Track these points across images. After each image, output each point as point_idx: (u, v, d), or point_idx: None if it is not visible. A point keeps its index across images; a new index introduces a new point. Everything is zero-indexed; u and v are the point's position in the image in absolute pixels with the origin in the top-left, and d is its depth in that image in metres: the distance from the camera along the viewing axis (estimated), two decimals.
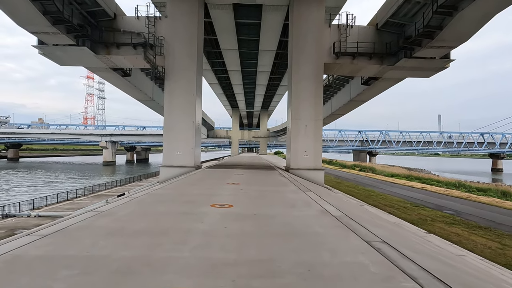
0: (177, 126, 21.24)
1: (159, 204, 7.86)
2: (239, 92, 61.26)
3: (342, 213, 6.36)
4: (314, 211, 6.96)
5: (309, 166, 21.26)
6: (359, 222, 5.49)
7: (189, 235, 5.09)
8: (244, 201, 8.36)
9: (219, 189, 10.72)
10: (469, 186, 42.90)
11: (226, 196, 9.20)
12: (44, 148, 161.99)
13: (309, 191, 10.10)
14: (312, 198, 8.86)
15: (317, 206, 7.62)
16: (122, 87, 30.17)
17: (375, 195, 29.07)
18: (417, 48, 19.24)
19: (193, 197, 9.08)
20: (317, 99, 21.48)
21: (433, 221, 18.20)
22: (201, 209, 7.05)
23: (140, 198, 8.62)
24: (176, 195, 9.48)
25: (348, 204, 10.66)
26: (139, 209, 7.09)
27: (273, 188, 11.79)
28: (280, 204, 7.96)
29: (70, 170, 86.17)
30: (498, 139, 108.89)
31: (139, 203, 7.81)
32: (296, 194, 10.00)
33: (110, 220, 6.07)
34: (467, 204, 25.48)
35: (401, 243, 4.74)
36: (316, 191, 10.77)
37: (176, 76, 21.30)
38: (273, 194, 9.97)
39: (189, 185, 12.13)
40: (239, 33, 31.74)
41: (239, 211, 6.91)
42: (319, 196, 8.85)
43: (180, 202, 8.24)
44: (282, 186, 12.43)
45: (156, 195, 9.30)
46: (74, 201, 31.31)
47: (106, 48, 21.24)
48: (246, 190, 10.58)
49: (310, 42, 21.41)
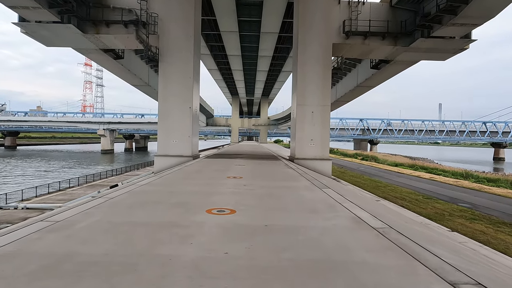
0: (172, 113, 19.58)
1: (138, 209, 5.98)
2: (239, 78, 59.29)
3: (382, 223, 4.68)
4: (343, 219, 5.21)
5: (315, 156, 19.70)
6: (414, 239, 3.91)
7: (167, 274, 3.21)
8: (249, 203, 6.58)
9: (218, 185, 8.96)
10: (477, 176, 41.54)
11: (226, 195, 7.52)
12: (42, 136, 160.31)
13: (326, 187, 8.49)
14: (333, 198, 7.14)
15: (344, 210, 5.88)
16: (115, 71, 28.35)
17: (383, 186, 27.63)
18: (437, 26, 17.43)
19: (185, 197, 7.40)
20: (325, 83, 19.77)
21: (452, 216, 16.75)
22: (193, 217, 5.32)
23: (117, 199, 6.73)
24: (165, 194, 7.69)
25: (374, 204, 9.06)
26: (108, 218, 5.26)
27: (282, 183, 10.00)
28: (296, 208, 6.19)
29: (67, 158, 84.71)
30: (501, 128, 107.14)
31: (112, 207, 6.00)
32: (311, 191, 8.23)
33: (55, 239, 4.14)
34: (481, 196, 24.05)
35: None
36: (334, 187, 9.12)
37: (171, 57, 19.53)
38: (284, 192, 8.22)
39: (183, 179, 10.48)
40: (240, 14, 29.79)
41: (244, 220, 5.20)
42: (341, 195, 7.23)
43: (168, 205, 6.40)
44: (292, 180, 10.72)
45: (140, 194, 7.53)
46: (67, 192, 29.84)
47: (95, 27, 19.39)
48: (250, 186, 8.86)
49: (318, 19, 19.57)
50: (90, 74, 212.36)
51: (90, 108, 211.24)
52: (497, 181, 36.82)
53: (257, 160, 19.39)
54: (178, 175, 11.12)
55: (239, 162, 17.00)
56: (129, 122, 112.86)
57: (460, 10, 15.47)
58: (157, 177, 9.87)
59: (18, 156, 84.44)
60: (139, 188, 8.12)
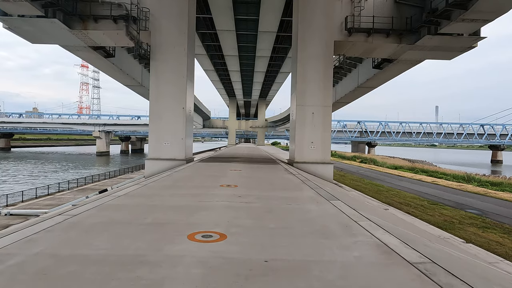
0: (165, 113, 18.45)
1: (100, 233, 4.56)
2: (236, 80, 58.24)
3: (418, 254, 3.50)
4: (366, 247, 3.99)
5: (316, 160, 18.63)
6: (470, 283, 2.84)
7: None
8: (244, 224, 5.25)
9: (209, 197, 7.55)
10: (479, 179, 40.60)
11: (217, 211, 6.19)
12: (37, 138, 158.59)
13: (334, 198, 7.31)
14: (346, 213, 5.89)
15: (363, 232, 4.65)
16: (107, 70, 27.20)
17: (385, 191, 26.58)
18: (445, 22, 16.44)
19: (165, 214, 5.92)
20: (326, 82, 18.72)
21: (462, 224, 15.70)
22: (169, 246, 3.95)
23: (80, 217, 5.31)
24: (142, 209, 6.23)
25: (390, 217, 7.90)
26: (54, 248, 3.88)
27: (282, 193, 8.46)
28: (304, 231, 4.86)
29: (61, 160, 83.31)
30: (499, 131, 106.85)
31: (68, 230, 4.61)
32: (318, 204, 6.89)
33: None
34: (487, 201, 23.04)
35: None
36: (342, 197, 7.88)
37: (164, 54, 18.43)
38: (287, 205, 6.82)
39: (170, 188, 8.96)
40: (237, 12, 28.76)
41: (236, 252, 3.86)
42: (353, 209, 6.04)
43: (140, 227, 4.95)
44: (293, 189, 9.32)
45: (111, 209, 6.10)
46: (55, 196, 28.56)
47: (82, 22, 18.24)
48: (246, 197, 7.56)
49: (319, 15, 18.55)
50: (87, 75, 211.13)
51: (87, 109, 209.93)
52: (500, 184, 35.89)
53: (254, 164, 18.23)
54: (164, 183, 9.82)
55: (235, 167, 15.80)
56: (125, 124, 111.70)
57: (471, 4, 14.48)
58: (139, 186, 8.60)
59: (12, 158, 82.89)
60: (113, 201, 6.78)
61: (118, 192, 7.48)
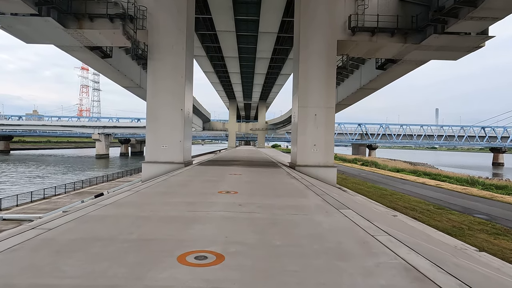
0: (162, 115, 17.86)
1: (74, 254, 3.84)
2: (237, 82, 57.68)
3: (455, 279, 3.02)
4: (392, 271, 3.30)
5: (319, 163, 18.01)
6: None
7: None
8: (245, 240, 4.49)
9: (205, 206, 6.79)
10: (483, 182, 39.99)
11: (213, 223, 5.43)
12: (37, 140, 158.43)
13: (344, 207, 6.66)
14: (360, 225, 5.19)
15: (385, 251, 3.98)
16: (104, 71, 26.67)
17: (389, 194, 25.94)
18: (452, 20, 15.85)
19: (154, 228, 5.12)
20: (329, 83, 18.13)
21: (471, 231, 15.06)
22: (152, 273, 3.25)
23: (55, 231, 4.61)
24: (128, 222, 5.41)
25: (405, 228, 7.26)
26: (7, 277, 3.13)
27: (287, 200, 7.75)
28: (316, 250, 4.12)
29: (61, 163, 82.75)
30: (500, 133, 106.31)
31: (37, 249, 3.93)
32: (328, 215, 6.14)
33: None
34: (494, 205, 22.40)
35: None
36: (353, 205, 7.21)
37: (161, 54, 17.86)
38: (292, 216, 6.07)
39: (164, 195, 8.17)
40: (237, 12, 28.22)
41: (237, 281, 3.15)
42: (367, 220, 5.35)
43: (123, 246, 4.20)
44: (298, 195, 8.56)
45: (93, 222, 5.33)
46: (51, 200, 27.94)
47: (77, 21, 17.70)
48: (247, 206, 6.83)
49: (321, 14, 17.99)
50: (87, 78, 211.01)
51: (87, 112, 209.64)
52: (505, 188, 35.27)
53: (255, 168, 17.59)
54: (158, 189, 9.09)
55: (235, 171, 15.15)
56: (125, 127, 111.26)
57: (481, 1, 13.90)
58: (131, 192, 7.92)
59: (11, 161, 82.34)
60: (97, 211, 6.02)
61: (105, 200, 6.82)
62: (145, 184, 9.61)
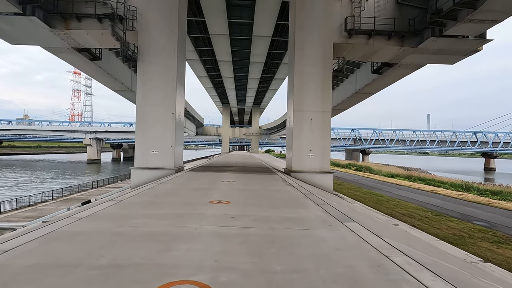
0: (152, 119, 17.18)
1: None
2: (230, 86, 57.17)
3: None
4: None
5: (315, 169, 17.45)
6: None
7: None
8: (239, 266, 3.78)
9: (194, 219, 6.02)
10: (478, 187, 39.83)
11: (201, 242, 4.66)
12: (27, 145, 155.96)
13: (348, 219, 5.96)
14: (371, 244, 4.47)
15: (407, 278, 3.30)
16: (93, 74, 25.91)
17: (385, 201, 25.46)
18: (451, 23, 15.53)
19: (129, 252, 4.22)
20: (325, 86, 17.64)
21: (472, 239, 14.57)
22: None
23: (11, 254, 3.87)
24: (98, 244, 4.46)
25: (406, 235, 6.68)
26: None
27: (285, 212, 6.98)
28: (323, 279, 3.37)
29: (51, 168, 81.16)
30: (491, 138, 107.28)
31: None
32: (332, 229, 5.42)
33: None
34: (493, 211, 22.02)
35: None
36: (357, 216, 6.55)
37: (152, 56, 17.23)
38: (292, 231, 5.31)
39: (148, 206, 7.34)
40: (230, 15, 27.78)
41: None
42: (378, 236, 4.70)
43: (81, 283, 3.28)
44: (297, 206, 7.79)
45: (60, 240, 4.54)
46: (37, 207, 26.93)
47: (64, 21, 17.00)
48: (241, 219, 6.09)
49: (317, 16, 17.56)
50: (79, 82, 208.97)
51: (79, 117, 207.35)
52: (500, 193, 35.10)
53: (249, 174, 16.93)
54: (144, 198, 8.30)
55: (228, 177, 14.47)
56: (117, 131, 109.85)
57: (480, 3, 13.58)
58: (113, 202, 7.15)
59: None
60: (69, 227, 5.23)
61: (82, 212, 6.11)
62: (130, 193, 8.85)
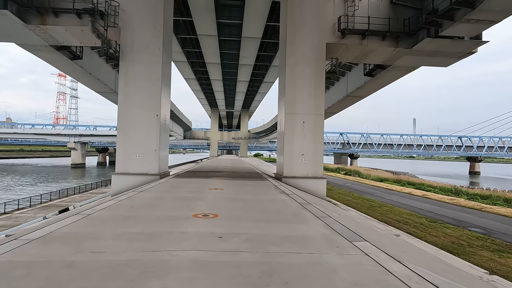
0: (135, 121, 16.11)
1: None
2: (219, 89, 56.19)
3: None
4: None
5: (307, 174, 16.66)
6: None
7: None
8: None
9: (172, 241, 4.95)
10: (467, 192, 39.81)
11: (179, 280, 3.51)
12: (9, 149, 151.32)
13: (358, 238, 5.08)
14: (395, 274, 3.56)
15: None
16: (74, 75, 24.69)
17: (378, 206, 24.87)
18: (447, 23, 15.03)
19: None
20: (318, 88, 16.92)
21: (472, 248, 13.97)
22: None
23: None
24: (40, 283, 3.36)
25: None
26: None
27: (282, 230, 5.78)
28: None
29: (32, 173, 78.42)
30: (476, 143, 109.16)
31: None
32: (343, 255, 4.39)
33: None
34: (486, 217, 21.63)
35: None
36: (367, 233, 5.59)
37: (135, 55, 16.21)
38: (295, 259, 4.25)
39: (118, 223, 6.06)
40: (219, 15, 26.92)
41: None
42: (399, 262, 3.91)
43: None
44: (295, 220, 6.74)
45: None
46: (13, 215, 25.37)
47: (40, 16, 15.86)
48: (230, 241, 5.02)
49: (309, 15, 16.86)
50: (64, 85, 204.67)
51: (64, 120, 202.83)
52: (489, 197, 35.09)
53: (238, 180, 15.97)
54: (117, 212, 7.04)
55: (216, 184, 13.47)
56: (102, 135, 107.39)
57: (479, 2, 13.09)
58: (80, 217, 6.02)
59: None
60: (6, 256, 4.06)
61: (34, 232, 5.02)
62: (104, 203, 7.72)
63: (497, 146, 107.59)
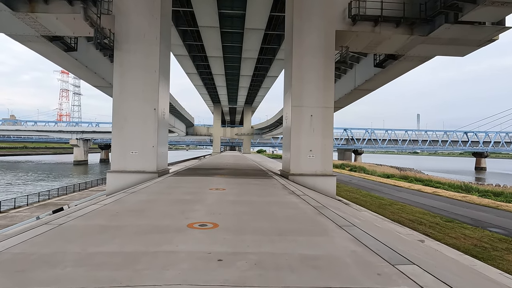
0: (132, 115, 15.06)
1: None
2: (221, 84, 55.03)
3: None
4: None
5: (315, 171, 15.56)
6: None
7: None
8: None
9: (155, 267, 3.62)
10: (478, 188, 38.54)
11: None
12: (12, 146, 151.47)
13: (403, 260, 3.84)
14: None
15: None
16: (70, 68, 23.64)
17: (388, 204, 23.73)
18: (469, 6, 13.74)
19: None
20: (327, 79, 15.79)
21: (497, 251, 12.85)
22: None
23: None
24: None
25: None
26: None
27: (299, 246, 4.54)
28: None
29: (35, 170, 77.96)
30: (482, 138, 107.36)
31: None
32: (381, 284, 3.19)
33: None
34: (505, 216, 20.48)
35: None
36: (409, 250, 4.37)
37: (131, 44, 15.11)
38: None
39: (94, 236, 4.91)
40: (221, 5, 25.74)
41: None
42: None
43: None
44: (312, 231, 5.45)
45: None
46: (9, 214, 24.52)
47: (29, 3, 14.78)
48: (233, 266, 3.71)
49: (317, 0, 15.68)
50: (67, 82, 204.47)
51: (67, 117, 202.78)
52: (502, 194, 33.84)
53: (242, 179, 14.86)
54: (94, 221, 5.83)
55: (217, 183, 12.35)
56: (105, 132, 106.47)
57: None
58: (49, 227, 4.84)
59: None
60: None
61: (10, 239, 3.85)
62: (83, 210, 6.48)
63: (504, 142, 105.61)
